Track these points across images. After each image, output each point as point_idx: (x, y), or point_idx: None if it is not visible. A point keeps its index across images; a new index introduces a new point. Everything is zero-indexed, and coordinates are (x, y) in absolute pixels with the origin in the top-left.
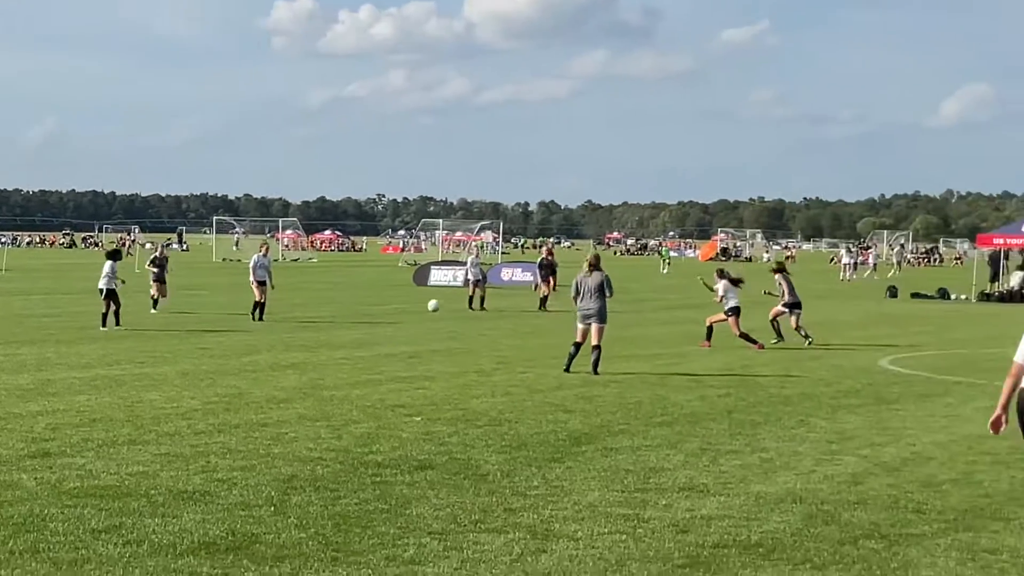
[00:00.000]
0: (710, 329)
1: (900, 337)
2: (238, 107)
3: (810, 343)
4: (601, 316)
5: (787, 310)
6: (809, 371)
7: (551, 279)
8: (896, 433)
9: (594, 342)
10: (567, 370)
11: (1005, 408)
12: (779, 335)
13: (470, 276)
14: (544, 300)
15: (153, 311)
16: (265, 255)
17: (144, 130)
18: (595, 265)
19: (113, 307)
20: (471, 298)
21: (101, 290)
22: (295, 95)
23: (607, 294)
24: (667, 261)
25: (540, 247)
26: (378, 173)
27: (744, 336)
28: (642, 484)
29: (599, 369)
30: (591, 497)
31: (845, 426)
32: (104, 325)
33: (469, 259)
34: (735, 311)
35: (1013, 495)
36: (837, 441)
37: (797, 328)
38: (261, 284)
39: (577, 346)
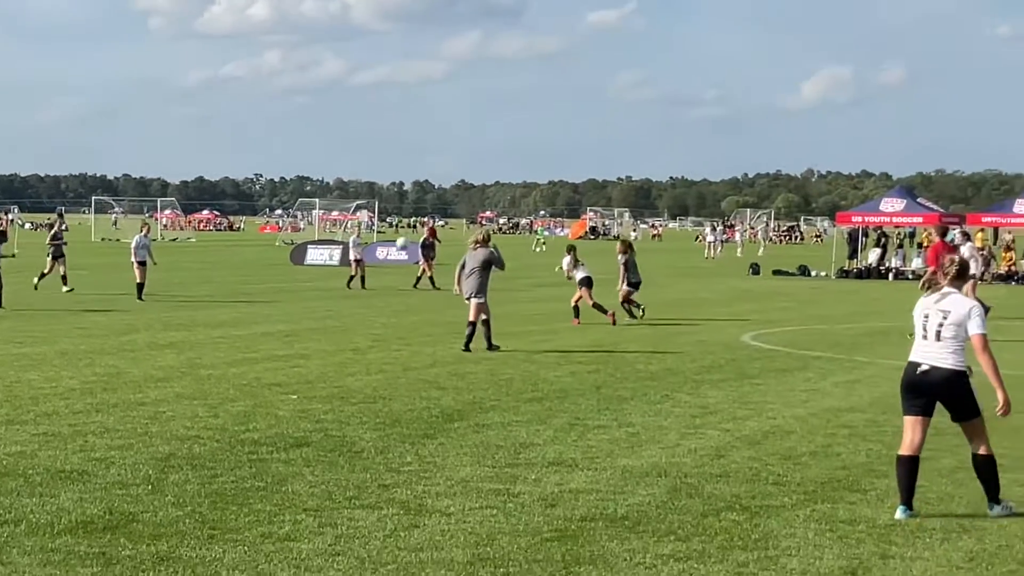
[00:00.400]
0: (576, 308)
1: (762, 313)
2: (116, 87)
3: (643, 313)
4: (478, 292)
5: (634, 288)
6: (674, 347)
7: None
8: (757, 407)
9: (471, 318)
10: (466, 349)
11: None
12: (631, 315)
13: (353, 255)
14: (420, 279)
15: (65, 288)
16: (146, 235)
17: (21, 110)
18: (482, 242)
19: None
20: (352, 277)
21: None
22: (172, 75)
23: (491, 270)
24: (542, 240)
25: (422, 227)
26: (256, 153)
27: (596, 306)
28: (512, 459)
29: (493, 343)
30: (463, 473)
31: (708, 400)
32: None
33: (351, 239)
34: (585, 282)
35: (870, 467)
36: (700, 415)
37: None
38: (142, 264)
39: (471, 324)
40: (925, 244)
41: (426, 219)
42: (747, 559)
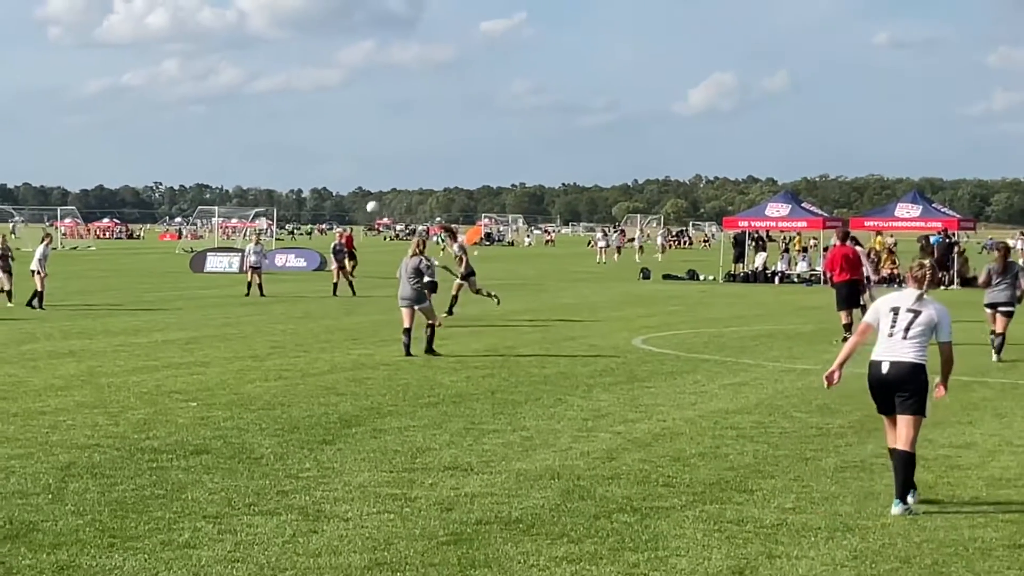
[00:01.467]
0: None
1: (652, 317)
2: (14, 95)
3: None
4: (417, 300)
5: (465, 281)
6: (567, 351)
7: (348, 264)
8: (648, 410)
9: (406, 324)
10: (408, 354)
11: (841, 365)
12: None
13: (251, 262)
14: (337, 286)
15: (10, 304)
16: (47, 245)
17: None
18: (418, 251)
19: None
20: (249, 284)
21: None
22: (71, 84)
23: (425, 277)
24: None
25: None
26: (155, 161)
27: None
28: (409, 464)
29: (433, 347)
30: (361, 478)
31: (600, 403)
32: None
33: (249, 246)
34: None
35: (756, 468)
36: (592, 418)
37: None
38: (39, 273)
39: (407, 332)
40: (803, 247)
41: (343, 228)
42: (638, 560)
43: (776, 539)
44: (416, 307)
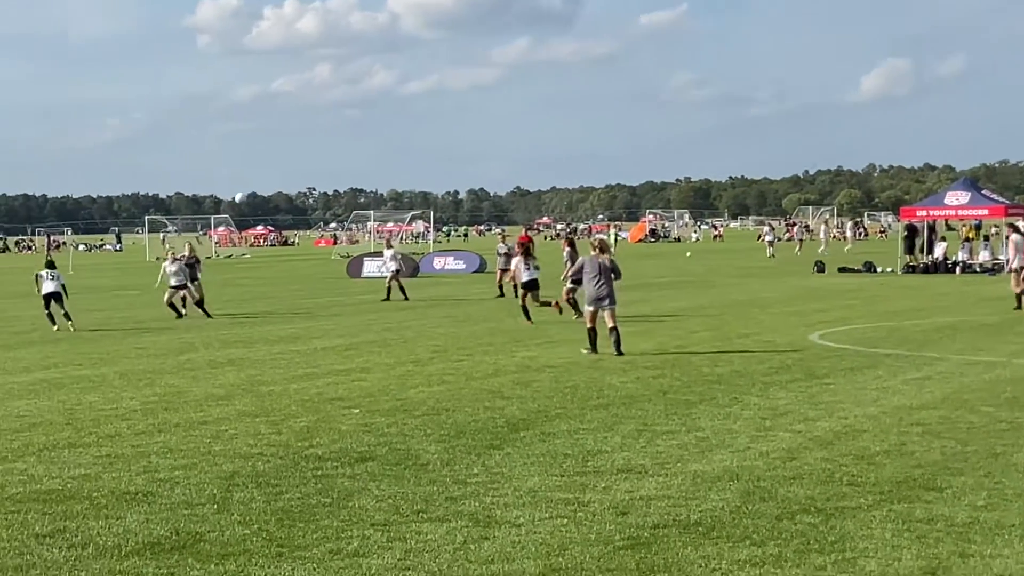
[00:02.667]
0: (525, 309)
1: (829, 312)
2: (166, 106)
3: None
4: (612, 299)
5: (524, 288)
6: (741, 348)
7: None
8: (828, 407)
9: (610, 324)
10: (595, 351)
11: None
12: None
13: (390, 267)
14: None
15: (184, 311)
16: (187, 257)
17: (72, 132)
18: (603, 249)
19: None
20: (389, 289)
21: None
22: (222, 92)
23: (615, 277)
24: (615, 244)
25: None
26: (308, 167)
27: (524, 309)
28: (581, 468)
29: (622, 349)
30: (531, 483)
31: (778, 402)
32: (54, 324)
33: (387, 252)
34: (529, 285)
35: (944, 465)
36: (770, 417)
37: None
38: (181, 287)
39: (593, 331)
40: (985, 236)
41: (502, 229)
42: (824, 562)
43: (969, 538)
44: (609, 308)
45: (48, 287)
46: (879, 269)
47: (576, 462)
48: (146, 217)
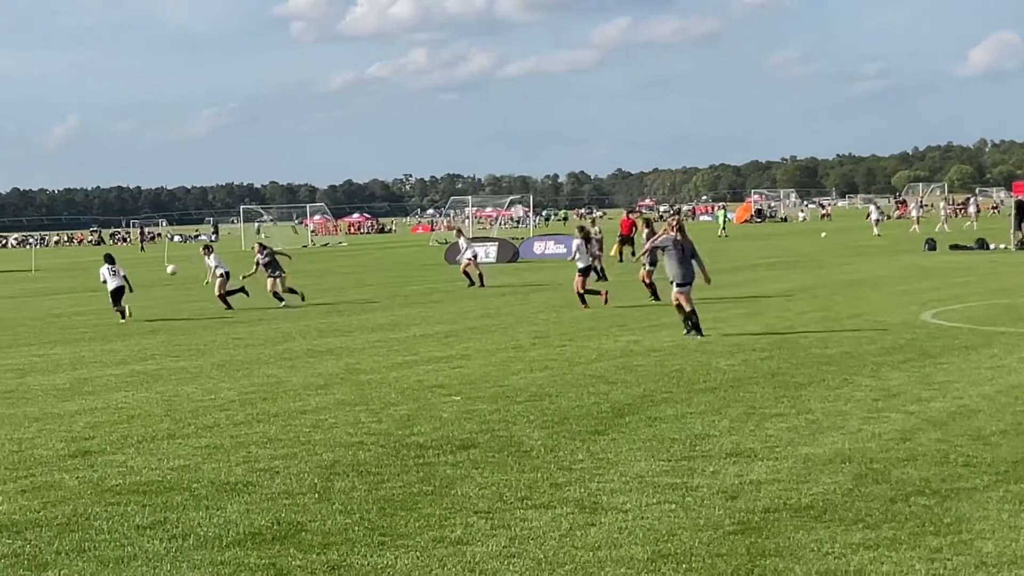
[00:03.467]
0: (591, 292)
1: (941, 290)
2: (259, 94)
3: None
4: (689, 281)
5: (580, 275)
6: (851, 328)
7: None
8: (942, 387)
9: (688, 308)
10: (700, 334)
11: None
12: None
13: (466, 255)
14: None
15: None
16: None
17: (166, 123)
18: (683, 230)
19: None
20: (468, 275)
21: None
22: (316, 79)
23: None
24: (724, 225)
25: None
26: (404, 153)
27: (580, 295)
28: (688, 452)
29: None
30: (637, 468)
31: (890, 383)
32: (124, 318)
33: (461, 240)
34: (583, 271)
35: None
36: (882, 398)
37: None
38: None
39: (686, 309)
40: None
41: (600, 213)
42: (940, 544)
43: None
44: (688, 289)
45: (112, 283)
46: (992, 246)
47: (683, 446)
48: (241, 207)
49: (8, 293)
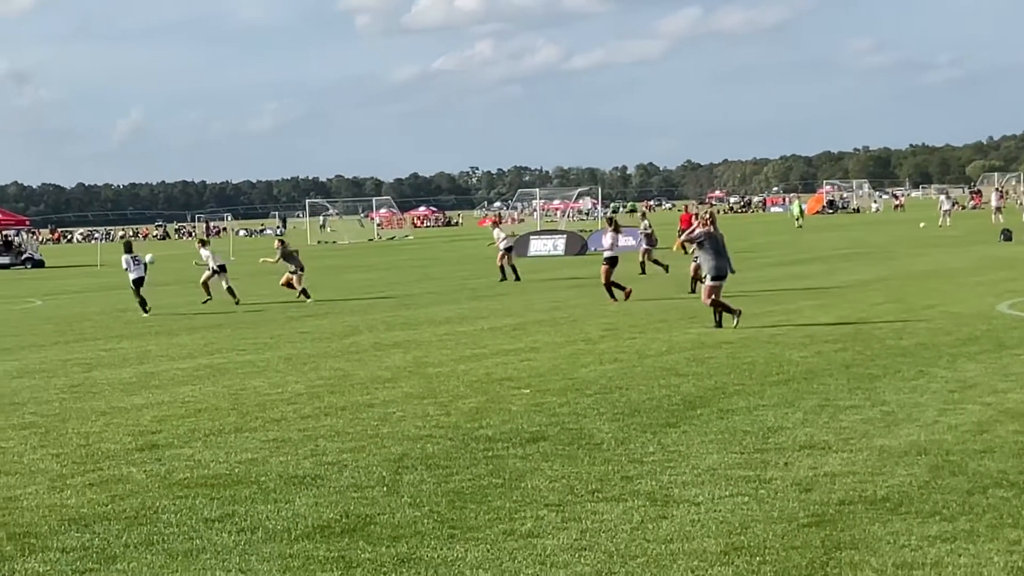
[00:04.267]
0: (615, 285)
1: (1018, 281)
2: (324, 88)
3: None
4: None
5: (607, 263)
6: (926, 319)
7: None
8: (1019, 379)
9: (718, 302)
10: (720, 327)
11: None
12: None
13: (502, 246)
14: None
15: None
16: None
17: (230, 118)
18: (715, 223)
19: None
20: (502, 268)
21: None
22: (381, 73)
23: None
24: (800, 216)
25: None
26: (470, 146)
27: (607, 287)
28: (761, 444)
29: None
30: (709, 460)
31: (966, 374)
32: (145, 311)
33: (497, 232)
34: (610, 261)
35: None
36: (959, 390)
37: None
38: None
39: (722, 304)
40: None
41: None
42: (1019, 536)
43: None
44: (720, 282)
45: (134, 273)
46: None
47: (756, 439)
48: (306, 201)
49: (75, 288)
